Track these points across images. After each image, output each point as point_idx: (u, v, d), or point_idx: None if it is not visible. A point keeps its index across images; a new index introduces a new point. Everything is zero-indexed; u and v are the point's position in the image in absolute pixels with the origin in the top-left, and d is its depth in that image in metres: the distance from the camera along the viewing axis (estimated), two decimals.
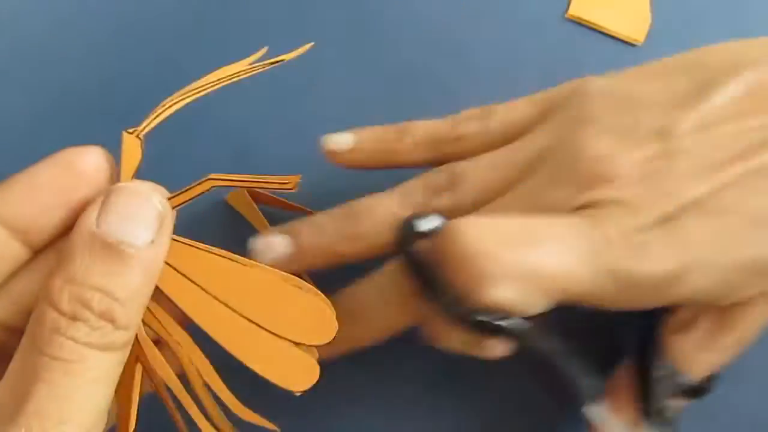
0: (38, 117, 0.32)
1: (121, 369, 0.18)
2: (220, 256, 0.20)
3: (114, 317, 0.17)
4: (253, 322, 0.20)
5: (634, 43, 0.34)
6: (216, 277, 0.20)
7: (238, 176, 0.22)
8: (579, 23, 0.34)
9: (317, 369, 0.20)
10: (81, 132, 0.30)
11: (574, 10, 0.34)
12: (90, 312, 0.16)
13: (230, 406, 0.20)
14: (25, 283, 0.18)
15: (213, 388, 0.20)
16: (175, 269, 0.20)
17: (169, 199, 0.20)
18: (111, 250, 0.17)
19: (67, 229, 0.18)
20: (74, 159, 0.18)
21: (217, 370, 0.20)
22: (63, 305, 0.16)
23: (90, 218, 0.17)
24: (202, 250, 0.20)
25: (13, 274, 0.18)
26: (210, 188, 0.21)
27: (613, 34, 0.34)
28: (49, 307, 0.16)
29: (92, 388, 0.16)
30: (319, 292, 0.20)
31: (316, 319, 0.20)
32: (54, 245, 0.18)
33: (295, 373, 0.20)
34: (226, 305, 0.20)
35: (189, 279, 0.20)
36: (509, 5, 0.34)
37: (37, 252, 0.18)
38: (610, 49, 0.34)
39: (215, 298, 0.20)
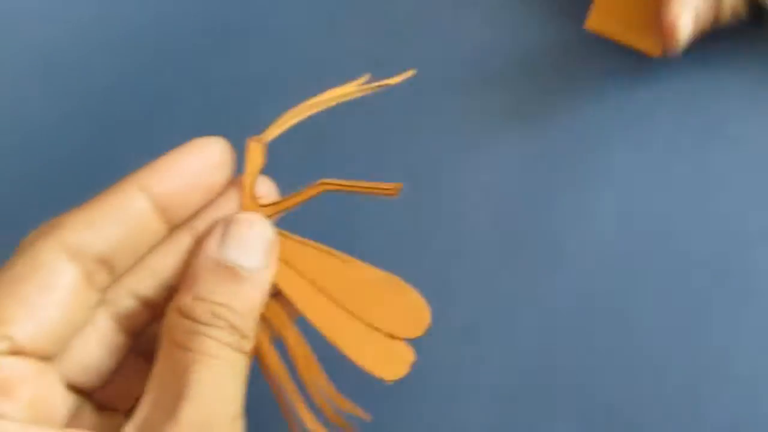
0: (61, 119, 0.33)
1: (246, 374, 0.20)
2: (327, 252, 0.22)
3: (237, 328, 0.19)
4: (354, 315, 0.22)
5: (651, 55, 0.34)
6: (323, 272, 0.22)
7: (348, 181, 0.23)
8: (597, 36, 0.34)
9: (411, 360, 0.22)
10: (102, 134, 0.30)
11: (593, 23, 0.34)
12: (222, 321, 0.19)
13: (332, 398, 0.22)
14: (159, 258, 0.20)
15: (318, 381, 0.22)
16: (287, 265, 0.22)
17: (281, 201, 0.22)
18: (231, 273, 0.20)
19: (198, 209, 0.20)
20: (208, 147, 0.20)
21: None
22: (197, 316, 0.19)
23: (213, 245, 0.20)
24: (312, 247, 0.22)
25: (150, 249, 0.20)
26: (321, 192, 0.22)
27: (630, 46, 0.34)
28: (185, 318, 0.19)
29: (235, 382, 0.19)
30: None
31: (413, 314, 0.22)
32: (186, 225, 0.21)
33: (390, 364, 0.22)
34: (330, 298, 0.22)
35: (300, 274, 0.22)
36: (527, 19, 0.34)
37: (171, 230, 0.20)
38: (628, 61, 0.34)
39: (321, 291, 0.22)
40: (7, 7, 0.36)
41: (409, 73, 0.24)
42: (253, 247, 0.20)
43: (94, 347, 0.20)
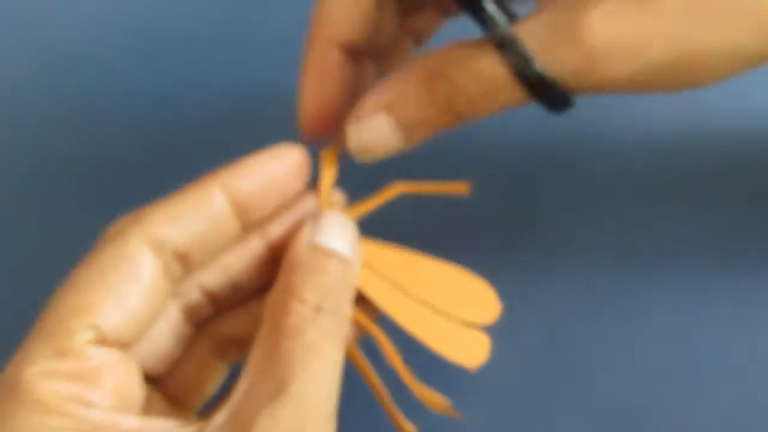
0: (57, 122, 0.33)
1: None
2: (399, 251, 0.23)
3: (339, 317, 0.19)
4: (432, 308, 0.23)
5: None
6: (398, 271, 0.23)
7: (420, 183, 0.24)
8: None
9: (488, 346, 0.23)
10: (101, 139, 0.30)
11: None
12: (324, 311, 0.19)
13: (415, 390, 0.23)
14: (231, 257, 0.21)
15: (404, 376, 0.23)
16: (365, 266, 0.22)
17: (357, 206, 0.23)
18: (329, 256, 0.20)
19: (273, 214, 0.21)
20: (288, 154, 0.21)
21: None
22: (308, 298, 0.19)
23: (307, 234, 0.20)
24: (385, 247, 0.23)
25: (225, 248, 0.21)
26: (397, 195, 0.24)
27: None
28: (295, 301, 0.19)
29: (335, 380, 0.19)
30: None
31: (484, 301, 0.24)
32: (260, 228, 0.21)
33: (471, 352, 0.23)
34: (409, 294, 0.23)
35: (377, 274, 0.23)
36: None
37: (244, 230, 0.21)
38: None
39: (400, 289, 0.23)
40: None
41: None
42: (344, 236, 0.21)
43: (166, 337, 0.21)
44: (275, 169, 0.21)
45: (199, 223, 0.20)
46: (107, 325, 0.18)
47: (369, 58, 0.24)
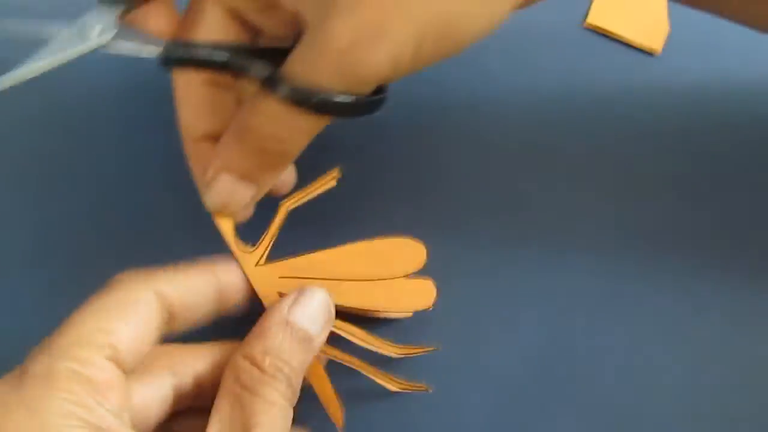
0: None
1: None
2: (321, 253, 0.27)
3: (293, 383, 0.23)
4: (370, 280, 0.27)
5: (651, 52, 0.34)
6: (325, 268, 0.26)
7: (301, 193, 0.27)
8: (596, 32, 0.34)
9: (433, 287, 0.27)
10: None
11: (592, 19, 0.34)
12: (282, 375, 0.22)
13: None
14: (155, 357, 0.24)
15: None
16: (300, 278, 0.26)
17: (262, 242, 0.26)
18: (300, 335, 0.23)
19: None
20: (220, 273, 0.25)
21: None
22: (265, 367, 0.22)
23: (285, 308, 0.24)
24: (306, 257, 0.27)
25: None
26: (286, 215, 0.27)
27: (630, 43, 0.34)
28: (253, 367, 0.22)
29: (287, 424, 0.22)
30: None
31: (412, 252, 0.27)
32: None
33: (421, 297, 0.27)
34: (345, 280, 0.26)
35: (312, 278, 0.26)
36: (526, 14, 0.34)
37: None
38: (628, 58, 0.34)
39: (334, 282, 0.26)
40: None
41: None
42: (320, 319, 0.24)
43: (154, 405, 0.23)
44: (209, 286, 0.24)
45: (192, 294, 0.23)
46: (121, 347, 0.21)
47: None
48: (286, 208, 0.27)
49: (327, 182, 0.27)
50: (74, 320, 0.21)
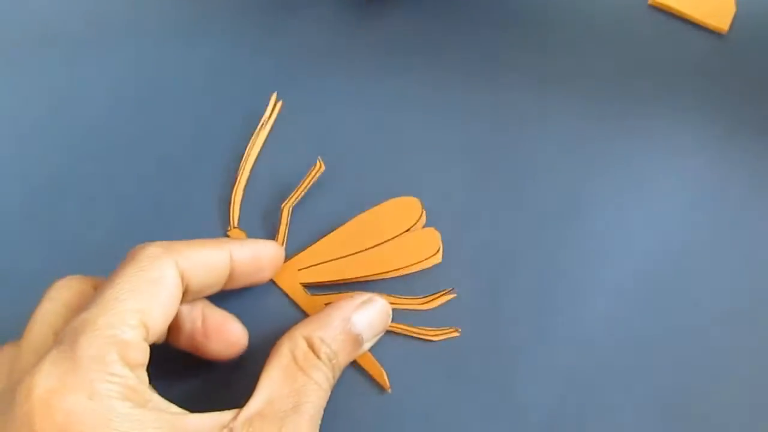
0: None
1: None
2: (332, 234, 0.30)
3: (336, 374, 0.25)
4: (378, 245, 0.29)
5: (718, 31, 0.34)
6: (336, 247, 0.29)
7: (298, 190, 0.30)
8: (662, 11, 0.34)
9: (437, 235, 0.29)
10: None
11: None
12: (331, 364, 0.25)
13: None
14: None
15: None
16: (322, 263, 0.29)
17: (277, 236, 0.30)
18: (354, 338, 0.26)
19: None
20: (234, 250, 0.26)
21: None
22: (320, 353, 0.24)
23: (351, 307, 0.26)
24: (321, 242, 0.30)
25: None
26: (289, 214, 0.30)
27: (696, 22, 0.34)
28: (309, 350, 0.24)
29: (324, 405, 0.24)
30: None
31: (407, 205, 0.30)
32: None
33: (427, 246, 0.29)
34: (355, 255, 0.29)
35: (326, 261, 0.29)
36: None
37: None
38: (694, 37, 0.34)
39: (345, 259, 0.29)
40: None
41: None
42: (376, 327, 0.27)
43: None
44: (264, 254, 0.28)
45: (206, 270, 0.25)
46: (151, 324, 0.22)
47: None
48: (287, 208, 0.30)
49: (316, 172, 0.30)
50: (111, 297, 0.22)
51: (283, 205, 0.30)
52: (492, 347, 0.28)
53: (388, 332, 0.28)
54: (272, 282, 0.29)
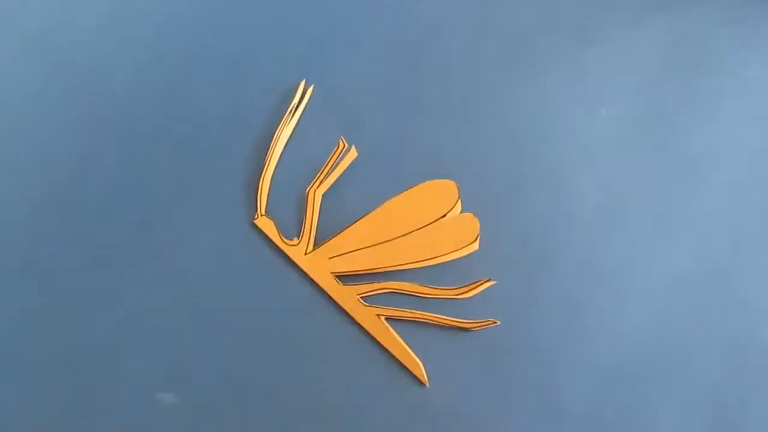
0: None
1: None
2: (365, 220, 0.28)
3: None
4: (418, 230, 0.28)
5: None
6: (371, 232, 0.28)
7: (321, 173, 0.30)
8: None
9: (475, 219, 0.28)
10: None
11: None
12: None
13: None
14: None
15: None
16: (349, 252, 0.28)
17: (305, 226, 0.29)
18: None
19: None
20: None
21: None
22: None
23: None
24: (356, 227, 0.29)
25: None
26: (319, 200, 0.29)
27: None
28: None
29: None
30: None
31: (442, 188, 0.28)
32: None
33: (465, 231, 0.27)
34: (394, 238, 0.28)
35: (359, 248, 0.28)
36: None
37: None
38: None
39: (386, 242, 0.28)
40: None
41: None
42: None
43: None
44: None
45: None
46: None
47: None
48: (316, 193, 0.29)
49: (341, 153, 0.29)
50: None
51: (308, 189, 0.29)
52: (529, 340, 0.28)
53: (424, 324, 0.27)
54: (302, 271, 0.28)
